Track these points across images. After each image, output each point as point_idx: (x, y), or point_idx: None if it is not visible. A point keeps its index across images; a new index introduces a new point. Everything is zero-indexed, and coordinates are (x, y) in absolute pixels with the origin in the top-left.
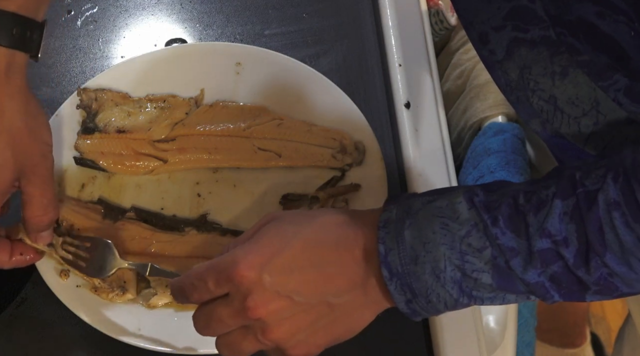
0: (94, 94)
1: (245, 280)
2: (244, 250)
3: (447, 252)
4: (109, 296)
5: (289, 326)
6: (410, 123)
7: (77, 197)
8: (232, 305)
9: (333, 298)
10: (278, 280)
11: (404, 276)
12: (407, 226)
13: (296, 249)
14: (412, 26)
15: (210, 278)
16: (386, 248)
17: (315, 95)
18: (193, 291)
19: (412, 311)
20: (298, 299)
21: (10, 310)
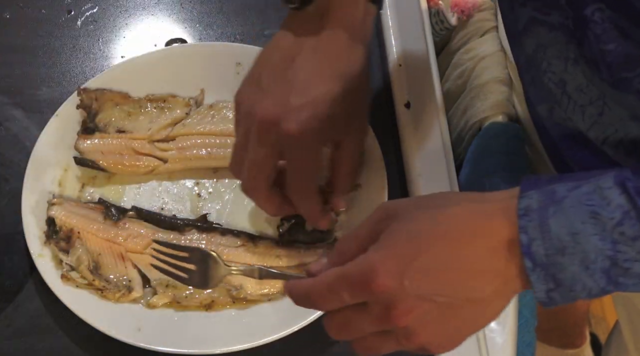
0: (94, 94)
1: (387, 289)
2: (379, 257)
3: (599, 243)
4: (115, 296)
5: (434, 328)
6: (410, 123)
7: (77, 197)
8: (372, 314)
9: (475, 294)
10: (419, 284)
11: (548, 267)
12: (552, 214)
13: (434, 250)
14: (412, 26)
15: (345, 289)
16: (529, 238)
17: None
18: (324, 303)
19: (550, 300)
20: (440, 300)
21: (10, 310)
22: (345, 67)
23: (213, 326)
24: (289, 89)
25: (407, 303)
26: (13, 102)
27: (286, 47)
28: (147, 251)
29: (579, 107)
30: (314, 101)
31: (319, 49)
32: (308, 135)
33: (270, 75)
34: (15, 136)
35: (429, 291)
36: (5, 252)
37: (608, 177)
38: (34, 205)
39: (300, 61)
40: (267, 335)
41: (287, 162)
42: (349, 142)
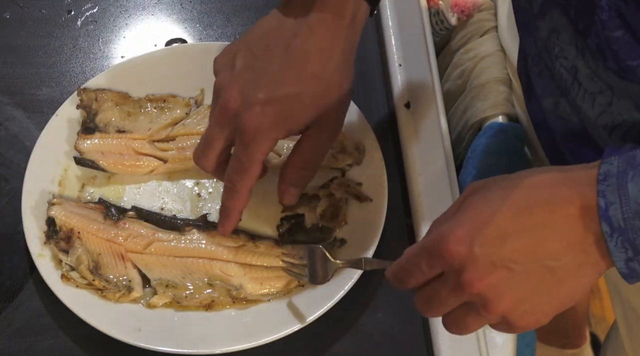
0: (94, 94)
1: (457, 255)
2: (451, 225)
3: None
4: (115, 296)
5: (510, 297)
6: (410, 123)
7: (77, 197)
8: (448, 283)
9: (552, 262)
10: (491, 250)
11: (626, 232)
12: (631, 178)
13: (506, 215)
14: (412, 26)
15: (422, 259)
16: (607, 202)
17: None
18: (408, 277)
19: (631, 272)
20: (515, 267)
21: (10, 310)
22: (316, 68)
23: (213, 326)
24: (258, 80)
25: (478, 269)
26: (13, 102)
27: (267, 34)
28: (147, 251)
29: (589, 95)
30: (278, 100)
31: (295, 46)
32: (263, 132)
33: (244, 59)
34: (15, 136)
35: (502, 258)
36: (5, 252)
37: None
38: (34, 205)
39: (276, 54)
40: (267, 335)
41: (235, 148)
42: (310, 137)
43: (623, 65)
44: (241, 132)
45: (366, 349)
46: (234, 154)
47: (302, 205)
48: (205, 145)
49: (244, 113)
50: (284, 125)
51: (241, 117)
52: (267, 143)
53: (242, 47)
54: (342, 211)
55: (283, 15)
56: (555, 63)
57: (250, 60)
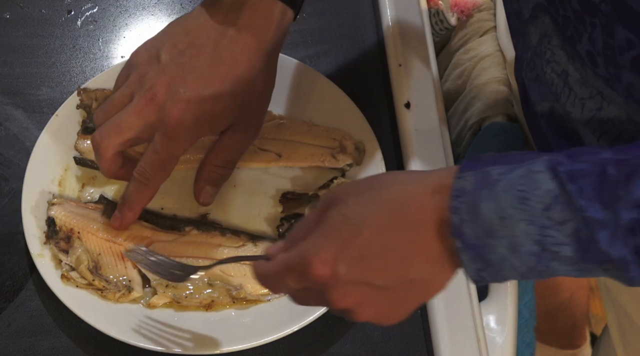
0: (94, 94)
1: (321, 278)
2: (314, 247)
3: (526, 228)
4: (115, 296)
5: (374, 309)
6: (410, 123)
7: (77, 197)
8: (315, 297)
9: (412, 274)
10: (353, 270)
11: (477, 248)
12: (484, 197)
13: (367, 236)
14: (412, 26)
15: (289, 278)
16: (460, 219)
17: (315, 95)
18: (276, 288)
19: (480, 279)
20: (377, 283)
21: (11, 310)
22: (243, 71)
23: (213, 326)
24: (186, 77)
25: (342, 289)
26: (13, 102)
27: (192, 31)
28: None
29: (579, 100)
30: (205, 99)
31: (221, 45)
32: (186, 129)
33: (170, 53)
34: (15, 136)
35: (364, 277)
36: (5, 252)
37: (541, 160)
38: (34, 205)
39: (203, 52)
40: (267, 335)
41: (154, 142)
42: (230, 137)
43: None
44: (164, 126)
45: (366, 349)
46: (152, 148)
47: (302, 205)
48: (116, 129)
49: (170, 107)
50: (207, 124)
51: (166, 110)
52: (188, 140)
53: (165, 42)
54: None
55: (209, 14)
56: (547, 68)
57: (177, 56)
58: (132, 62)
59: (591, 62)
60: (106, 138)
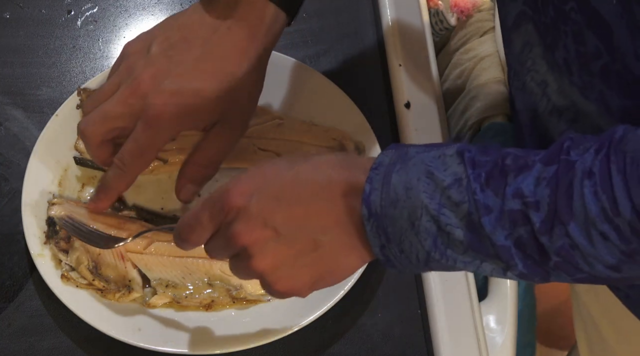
0: None
1: (234, 207)
2: (236, 180)
3: (426, 201)
4: (115, 296)
5: (272, 258)
6: (410, 123)
7: (77, 197)
8: (222, 234)
9: (319, 235)
10: (265, 209)
11: (380, 218)
12: (397, 170)
13: (287, 181)
14: (412, 26)
15: (204, 212)
16: (371, 187)
17: (315, 95)
18: (191, 233)
19: (387, 259)
20: (283, 231)
21: (10, 310)
22: (230, 67)
23: (213, 326)
24: (173, 69)
25: (249, 223)
26: (13, 102)
27: (186, 26)
28: (147, 251)
29: (557, 111)
30: (189, 92)
31: (211, 41)
32: (167, 119)
33: (161, 45)
34: (15, 136)
35: (273, 219)
36: (5, 252)
37: (453, 146)
38: (34, 205)
39: (191, 46)
40: (267, 335)
41: (135, 131)
42: (214, 136)
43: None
44: (146, 115)
45: (366, 349)
46: (132, 136)
47: None
48: (100, 118)
49: (153, 96)
50: (189, 117)
51: (149, 99)
52: (169, 132)
53: (159, 35)
54: None
55: (204, 11)
56: (527, 76)
57: (167, 49)
58: (124, 53)
59: (567, 70)
60: (91, 127)
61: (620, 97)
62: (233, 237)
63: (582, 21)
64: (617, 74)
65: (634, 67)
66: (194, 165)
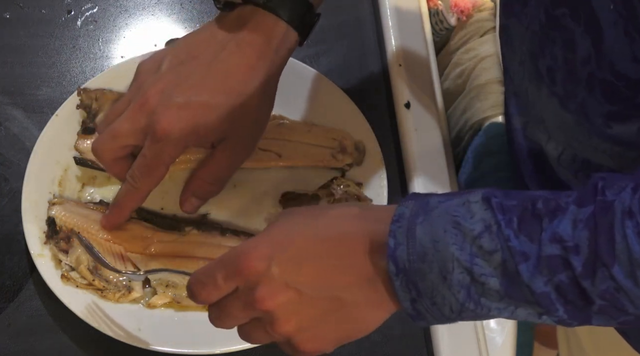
0: (94, 94)
1: (254, 271)
2: (253, 242)
3: (457, 253)
4: (115, 296)
5: (298, 320)
6: (410, 123)
7: (77, 197)
8: (241, 298)
9: (343, 293)
10: (287, 271)
11: (409, 273)
12: (420, 222)
13: (306, 241)
14: (412, 26)
15: (219, 272)
16: (396, 242)
17: (315, 95)
18: (201, 290)
19: (417, 313)
20: (307, 292)
21: (11, 310)
22: (237, 83)
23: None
24: (180, 84)
25: (272, 287)
26: (13, 102)
27: (196, 44)
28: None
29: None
30: (196, 106)
31: (220, 58)
32: (175, 134)
33: (171, 62)
34: (15, 136)
35: (296, 281)
36: (5, 252)
37: (477, 192)
38: (34, 205)
39: (200, 63)
40: None
41: (144, 147)
42: (221, 153)
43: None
44: (153, 130)
45: (366, 349)
46: (142, 152)
47: (302, 205)
48: (110, 136)
49: (160, 112)
50: (196, 132)
51: (156, 115)
52: (177, 147)
53: (170, 53)
54: None
55: (215, 28)
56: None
57: (176, 66)
58: (137, 72)
59: (550, 79)
60: (102, 145)
61: (605, 104)
62: (255, 303)
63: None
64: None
65: (630, 71)
66: (198, 179)
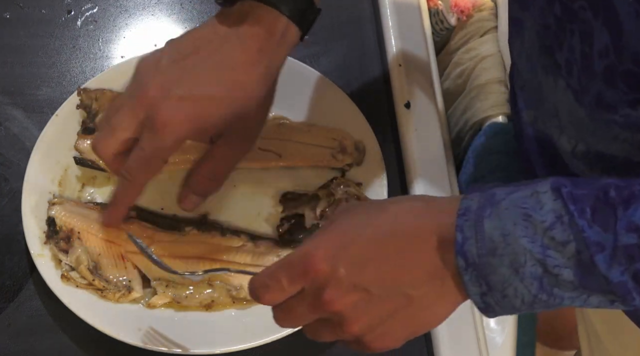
0: (94, 94)
1: (320, 273)
2: (317, 243)
3: (528, 246)
4: (115, 296)
5: (367, 320)
6: (410, 123)
7: (77, 197)
8: (308, 299)
9: (410, 290)
10: (353, 272)
11: (480, 268)
12: (487, 215)
13: (370, 239)
14: (412, 26)
15: (283, 275)
16: (463, 237)
17: (315, 95)
18: (266, 292)
19: (486, 306)
20: (375, 291)
21: (11, 310)
22: (238, 76)
23: (213, 326)
24: (180, 76)
25: (339, 288)
26: (13, 102)
27: (197, 38)
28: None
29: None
30: (196, 98)
31: (221, 52)
32: (174, 126)
33: (171, 57)
34: (15, 136)
35: (363, 280)
36: (5, 252)
37: (545, 182)
38: (34, 205)
39: (201, 57)
40: (267, 335)
41: (141, 139)
42: (221, 148)
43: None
44: (152, 122)
45: None
46: (139, 145)
47: (302, 205)
48: (109, 131)
49: (160, 103)
50: (195, 124)
51: (156, 107)
52: (175, 139)
53: (170, 48)
54: None
55: (216, 23)
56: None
57: (177, 60)
58: (136, 68)
59: (568, 71)
60: (101, 141)
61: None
62: (324, 304)
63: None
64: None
65: None
66: (198, 175)
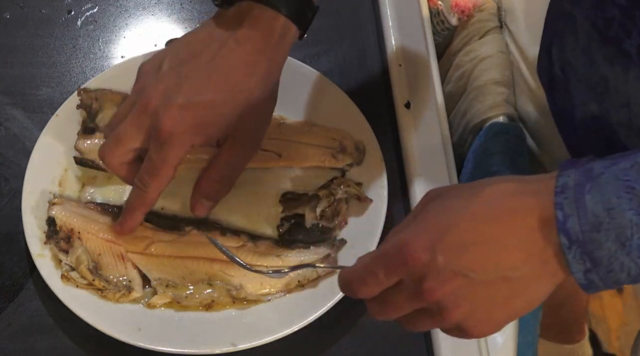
0: (94, 94)
1: (419, 263)
2: (412, 232)
3: (635, 218)
4: (115, 296)
5: (467, 306)
6: (410, 123)
7: (77, 197)
8: (406, 290)
9: (511, 272)
10: (452, 258)
11: (584, 244)
12: (588, 190)
13: (466, 224)
14: (412, 26)
15: (380, 267)
16: (564, 214)
17: (315, 95)
18: (362, 286)
19: (589, 283)
20: (474, 276)
21: (10, 310)
22: (238, 79)
23: (213, 326)
24: (181, 84)
25: (439, 277)
26: (13, 102)
27: (195, 42)
28: (147, 251)
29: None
30: (197, 105)
31: (219, 55)
32: (178, 135)
33: (171, 62)
34: (15, 136)
35: (462, 266)
36: (5, 252)
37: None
38: (34, 205)
39: (200, 61)
40: (267, 335)
41: (149, 150)
42: (227, 151)
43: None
44: (157, 132)
45: (366, 349)
46: (148, 155)
47: (302, 205)
48: (115, 142)
49: (163, 113)
50: (200, 131)
51: (159, 116)
52: (182, 147)
53: (169, 53)
54: (342, 211)
55: (213, 26)
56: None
57: (177, 65)
58: (138, 73)
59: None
60: (108, 151)
61: None
62: (424, 294)
63: None
64: None
65: None
66: (207, 179)
